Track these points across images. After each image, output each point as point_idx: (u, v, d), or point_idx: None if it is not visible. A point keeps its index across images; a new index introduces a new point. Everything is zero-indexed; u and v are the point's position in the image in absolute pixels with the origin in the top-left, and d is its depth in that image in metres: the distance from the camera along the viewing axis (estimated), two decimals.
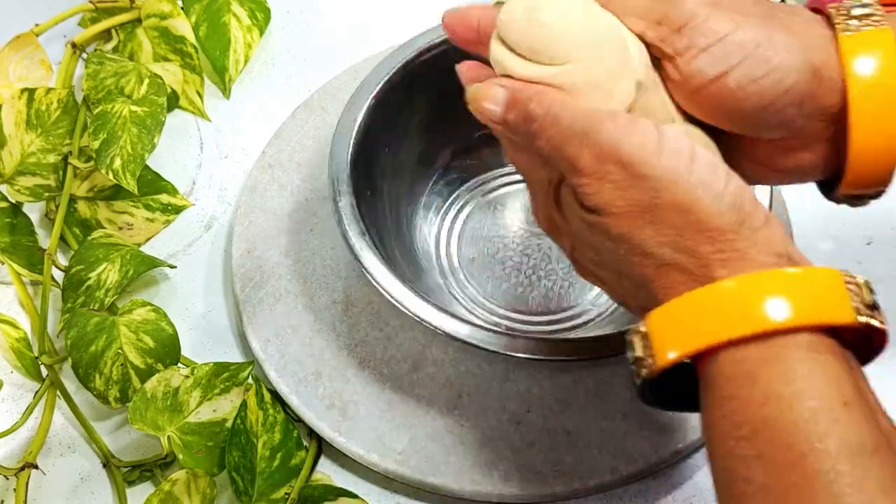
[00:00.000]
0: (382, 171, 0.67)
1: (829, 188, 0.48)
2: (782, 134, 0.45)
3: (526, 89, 0.43)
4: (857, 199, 0.48)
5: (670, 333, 0.40)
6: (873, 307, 0.41)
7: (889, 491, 0.36)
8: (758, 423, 0.38)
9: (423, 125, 0.69)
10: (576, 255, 0.47)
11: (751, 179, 0.45)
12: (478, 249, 0.70)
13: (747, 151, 0.46)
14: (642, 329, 0.41)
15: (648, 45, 0.44)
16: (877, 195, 0.47)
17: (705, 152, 0.42)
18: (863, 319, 0.40)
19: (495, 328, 0.57)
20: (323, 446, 0.64)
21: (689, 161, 0.41)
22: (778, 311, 0.39)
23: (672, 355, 0.40)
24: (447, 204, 0.72)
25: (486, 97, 0.45)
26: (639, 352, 0.41)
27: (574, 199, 0.44)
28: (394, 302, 0.58)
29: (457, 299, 0.68)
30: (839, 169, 0.45)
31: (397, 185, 0.69)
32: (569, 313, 0.67)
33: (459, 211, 0.71)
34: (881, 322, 0.41)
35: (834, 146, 0.45)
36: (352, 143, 0.63)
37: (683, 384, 0.43)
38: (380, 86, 0.65)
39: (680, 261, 0.41)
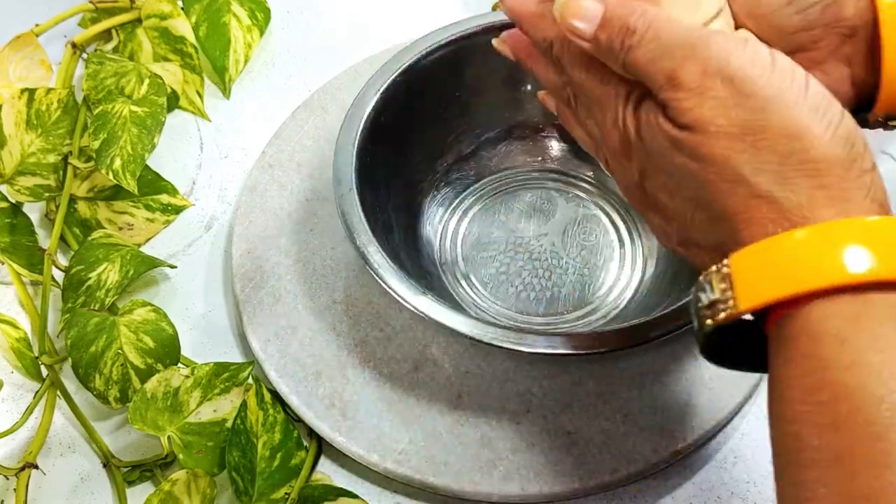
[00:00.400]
0: (386, 172, 0.67)
1: (856, 112, 0.44)
2: (800, 40, 0.43)
3: (624, 4, 0.41)
4: (891, 121, 0.45)
5: (759, 275, 0.36)
6: None
7: None
8: (839, 390, 0.35)
9: (427, 127, 0.69)
10: (645, 182, 0.43)
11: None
12: (482, 251, 0.70)
13: None
14: (725, 269, 0.37)
15: None
16: None
17: (817, 81, 0.38)
18: None
19: (499, 324, 0.57)
20: (323, 446, 0.64)
21: (804, 85, 0.38)
22: (880, 263, 0.35)
23: (759, 300, 0.36)
24: (452, 206, 0.72)
25: (577, 14, 0.42)
26: (716, 294, 0.37)
27: (663, 116, 0.40)
28: (398, 298, 0.58)
29: (461, 301, 0.68)
30: (861, 97, 0.44)
31: (402, 187, 0.69)
32: (574, 314, 0.67)
33: (465, 213, 0.71)
34: None
35: (850, 70, 0.43)
36: (356, 143, 0.63)
37: (742, 342, 0.40)
38: (384, 87, 0.65)
39: (776, 193, 0.37)
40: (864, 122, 0.45)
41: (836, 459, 0.34)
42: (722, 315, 0.37)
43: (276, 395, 0.64)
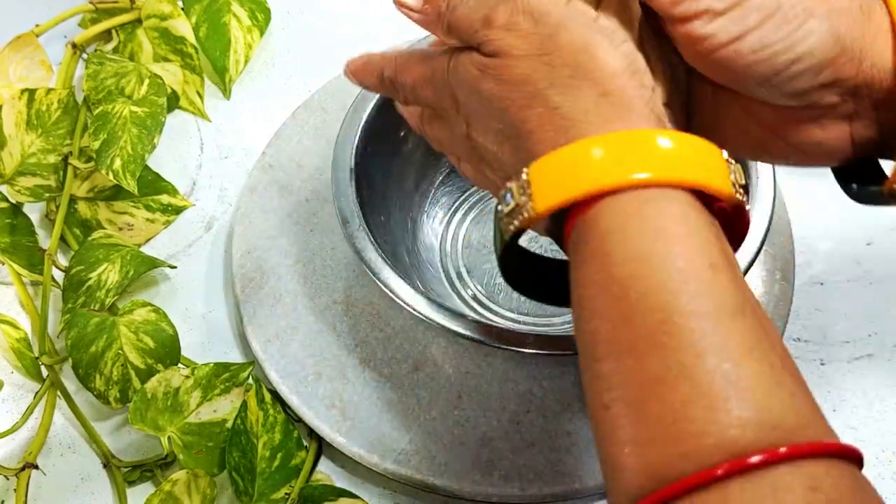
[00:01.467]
0: (386, 173, 0.67)
1: (865, 183, 0.45)
2: (793, 103, 0.42)
3: None
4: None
5: (554, 180, 0.39)
6: (745, 189, 0.40)
7: (752, 350, 0.35)
8: (627, 282, 0.37)
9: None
10: (470, 130, 0.46)
11: (765, 149, 0.44)
12: (482, 252, 0.70)
13: (756, 114, 0.44)
14: (524, 177, 0.40)
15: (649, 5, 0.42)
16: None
17: (610, 17, 0.42)
18: (738, 197, 0.39)
19: (499, 325, 0.57)
20: (323, 446, 0.64)
21: (593, 16, 0.42)
22: (662, 164, 0.38)
23: (553, 201, 0.39)
24: (452, 207, 0.72)
25: None
26: (515, 200, 0.40)
27: (476, 54, 0.44)
28: (398, 300, 0.58)
29: (461, 301, 0.68)
30: (863, 157, 0.44)
31: (401, 188, 0.69)
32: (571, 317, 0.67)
33: (465, 214, 0.71)
34: (748, 205, 0.40)
35: (850, 128, 0.43)
36: (356, 144, 0.63)
37: (541, 279, 0.43)
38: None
39: (565, 105, 0.40)
40: (877, 197, 0.45)
41: (629, 349, 0.36)
42: (522, 218, 0.40)
43: (277, 396, 0.64)
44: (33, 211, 0.73)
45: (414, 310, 0.57)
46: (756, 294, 0.65)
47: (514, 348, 0.56)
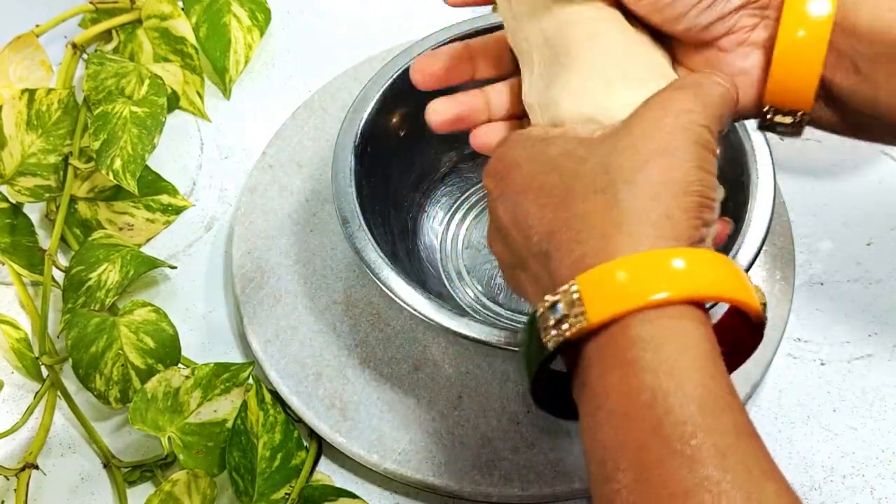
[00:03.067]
0: (386, 173, 0.67)
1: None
2: (721, 29, 0.47)
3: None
4: (782, 129, 0.49)
5: (604, 292, 0.40)
6: (765, 307, 0.43)
7: (771, 472, 0.37)
8: (657, 392, 0.38)
9: (427, 128, 0.69)
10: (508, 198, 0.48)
11: None
12: (482, 252, 0.70)
13: (690, 59, 0.49)
14: (574, 289, 0.40)
15: None
16: (795, 125, 0.48)
17: None
18: (764, 315, 0.42)
19: (499, 325, 0.57)
20: (323, 447, 0.64)
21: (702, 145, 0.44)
22: (703, 282, 0.40)
23: (606, 314, 0.40)
24: (452, 207, 0.72)
25: None
26: (565, 310, 0.41)
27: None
28: (398, 300, 0.58)
29: (462, 302, 0.68)
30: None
31: (402, 188, 0.69)
32: None
33: (465, 215, 0.71)
34: (766, 322, 0.43)
35: (767, 56, 0.47)
36: (356, 144, 0.63)
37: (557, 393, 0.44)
38: (384, 88, 0.65)
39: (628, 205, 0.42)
40: (763, 125, 0.49)
41: (657, 461, 0.37)
42: (575, 328, 0.40)
43: (277, 396, 0.64)
44: (33, 211, 0.73)
45: (414, 310, 0.57)
46: None
47: (514, 348, 0.56)
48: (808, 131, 0.76)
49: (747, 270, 0.57)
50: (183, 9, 0.79)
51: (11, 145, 0.72)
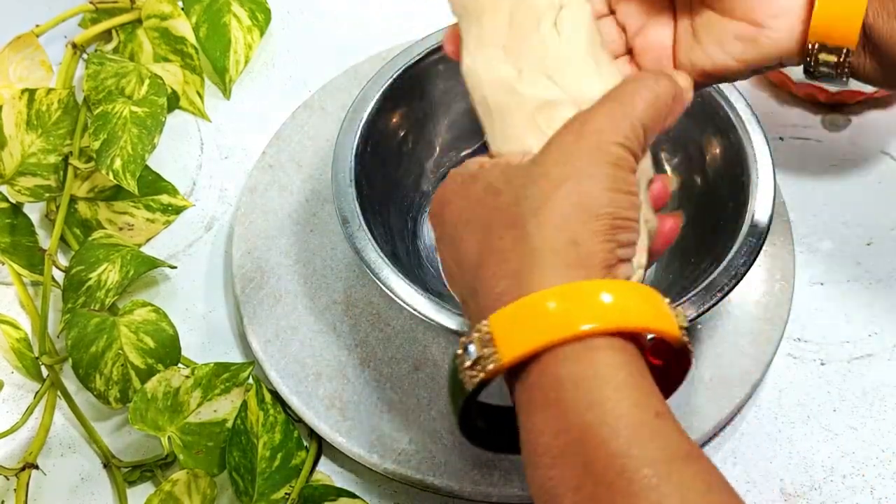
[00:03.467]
0: (386, 173, 0.67)
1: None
2: None
3: None
4: (826, 70, 0.49)
5: (515, 330, 0.40)
6: (687, 330, 0.43)
7: (708, 493, 0.37)
8: (585, 428, 0.38)
9: (427, 128, 0.69)
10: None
11: (732, 59, 0.48)
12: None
13: (732, 10, 0.48)
14: (485, 329, 0.41)
15: None
16: (839, 65, 0.48)
17: None
18: (684, 339, 0.42)
19: None
20: (323, 446, 0.64)
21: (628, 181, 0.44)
22: (610, 315, 0.40)
23: (518, 351, 0.40)
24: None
25: None
26: (479, 351, 0.41)
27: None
28: (398, 300, 0.58)
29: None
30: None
31: (401, 188, 0.69)
32: None
33: None
34: (691, 346, 0.43)
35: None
36: (356, 144, 0.63)
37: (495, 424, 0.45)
38: (384, 88, 0.65)
39: (536, 239, 0.42)
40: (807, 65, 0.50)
41: (591, 497, 0.38)
42: (489, 368, 0.41)
43: (277, 396, 0.64)
44: (33, 211, 0.73)
45: (414, 310, 0.57)
46: (756, 294, 0.66)
47: None
48: (809, 130, 0.76)
49: (747, 270, 0.57)
50: (183, 9, 0.79)
51: (11, 145, 0.72)
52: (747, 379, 0.62)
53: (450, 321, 0.57)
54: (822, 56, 0.48)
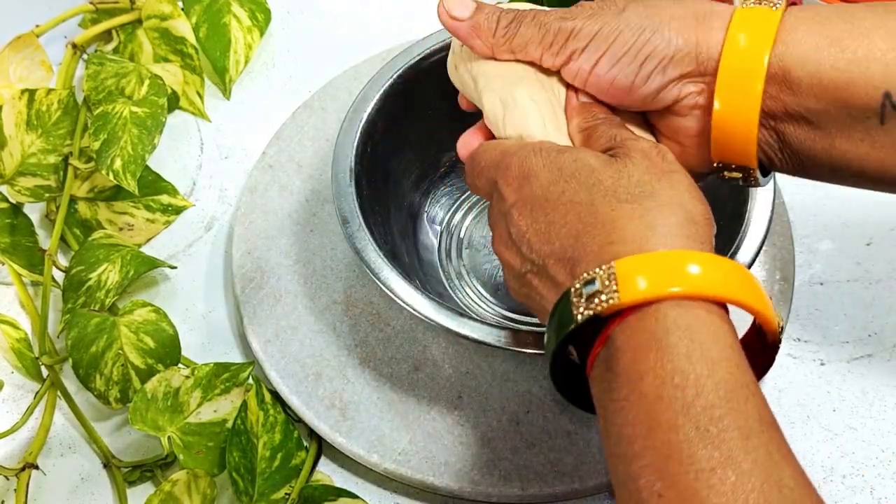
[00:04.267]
0: (386, 173, 0.67)
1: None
2: (666, 100, 0.50)
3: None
4: (735, 183, 0.51)
5: (641, 275, 0.42)
6: (783, 329, 0.45)
7: (789, 457, 0.40)
8: (689, 376, 0.40)
9: (427, 128, 0.69)
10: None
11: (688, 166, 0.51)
12: (482, 253, 0.70)
13: (659, 123, 0.52)
14: (610, 269, 0.43)
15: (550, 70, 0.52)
16: (746, 179, 0.50)
17: None
18: (780, 334, 0.45)
19: (499, 324, 0.57)
20: (323, 446, 0.64)
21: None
22: (732, 285, 0.42)
23: (638, 295, 0.41)
24: (452, 207, 0.72)
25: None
26: (600, 286, 0.42)
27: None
28: (398, 300, 0.58)
29: (462, 302, 0.68)
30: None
31: (401, 188, 0.69)
32: None
33: (465, 215, 0.71)
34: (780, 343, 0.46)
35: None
36: (356, 144, 0.63)
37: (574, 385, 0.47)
38: (384, 88, 0.65)
39: (654, 212, 0.46)
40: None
41: (686, 440, 0.39)
42: (608, 303, 0.42)
43: (277, 396, 0.64)
44: (33, 211, 0.73)
45: (414, 310, 0.57)
46: None
47: (514, 348, 0.56)
48: None
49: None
50: (183, 9, 0.79)
51: (11, 145, 0.72)
52: None
53: (450, 321, 0.57)
54: (728, 173, 0.51)
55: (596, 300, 0.42)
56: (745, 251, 0.57)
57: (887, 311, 0.68)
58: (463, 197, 0.72)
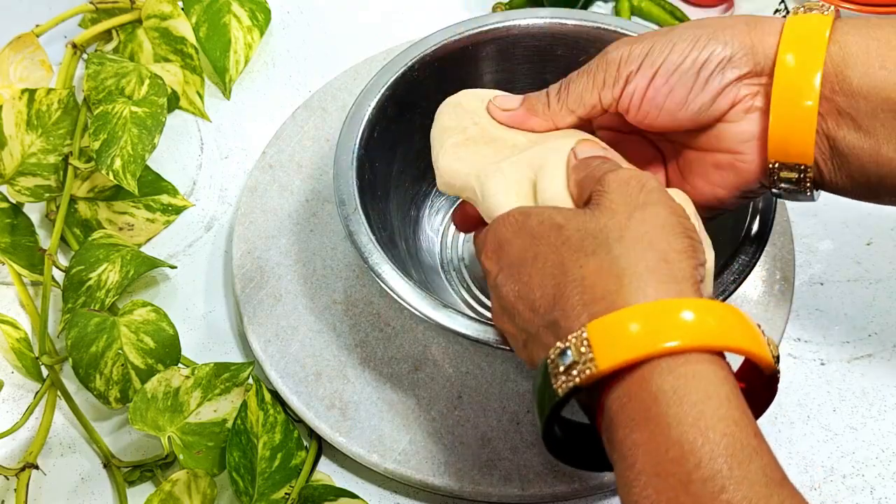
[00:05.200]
0: (386, 173, 0.67)
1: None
2: (722, 105, 0.50)
3: None
4: (789, 187, 0.51)
5: (613, 339, 0.41)
6: (778, 360, 0.44)
7: None
8: (684, 446, 0.38)
9: (428, 127, 0.69)
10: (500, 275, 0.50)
11: (718, 187, 0.52)
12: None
13: (698, 141, 0.52)
14: (584, 335, 0.41)
15: (609, 110, 0.53)
16: (800, 182, 0.50)
17: None
18: (776, 367, 0.43)
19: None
20: (323, 446, 0.64)
21: (679, 206, 0.47)
22: (711, 331, 0.41)
23: (615, 360, 0.40)
24: (453, 206, 0.71)
25: None
26: (574, 357, 0.41)
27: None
28: (398, 300, 0.58)
29: (463, 302, 0.68)
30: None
31: (401, 188, 0.69)
32: None
33: None
34: (779, 376, 0.44)
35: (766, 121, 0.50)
36: (356, 144, 0.63)
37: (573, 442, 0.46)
38: (384, 88, 0.65)
39: (624, 259, 0.44)
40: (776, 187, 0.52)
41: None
42: (586, 374, 0.41)
43: (277, 396, 0.64)
44: (33, 211, 0.73)
45: (414, 310, 0.57)
46: (756, 294, 0.66)
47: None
48: None
49: (748, 271, 0.57)
50: (183, 9, 0.79)
51: (11, 145, 0.72)
52: None
53: (450, 321, 0.56)
54: (784, 174, 0.50)
55: (574, 371, 0.41)
56: (746, 251, 0.57)
57: (887, 311, 0.68)
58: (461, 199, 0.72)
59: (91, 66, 0.74)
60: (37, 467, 0.63)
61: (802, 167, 0.49)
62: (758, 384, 0.44)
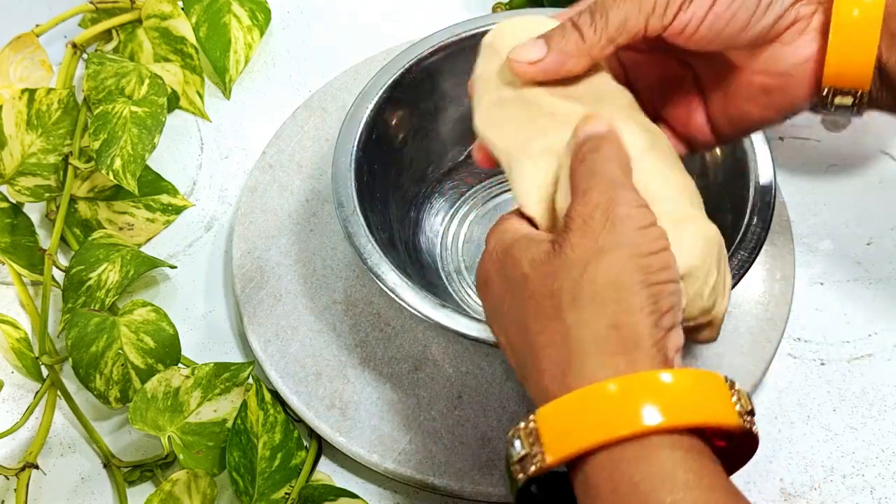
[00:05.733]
0: (386, 174, 0.67)
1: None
2: (780, 26, 0.48)
3: None
4: (840, 105, 0.50)
5: (562, 428, 0.39)
6: (751, 413, 0.41)
7: None
8: None
9: (427, 129, 0.69)
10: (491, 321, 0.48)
11: (765, 109, 0.50)
12: (482, 249, 0.70)
13: (750, 62, 0.50)
14: (532, 425, 0.40)
15: (652, 36, 0.47)
16: (855, 105, 0.49)
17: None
18: (746, 425, 0.40)
19: None
20: (323, 446, 0.64)
21: (644, 252, 0.42)
22: (671, 409, 0.38)
23: (565, 452, 0.39)
24: (453, 208, 0.71)
25: None
26: (525, 449, 0.40)
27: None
28: (397, 300, 0.58)
29: (463, 303, 0.68)
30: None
31: (401, 189, 0.69)
32: None
33: (464, 217, 0.71)
34: (756, 429, 0.41)
35: (824, 42, 0.48)
36: (354, 146, 0.63)
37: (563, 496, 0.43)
38: (384, 88, 0.65)
39: (576, 327, 0.41)
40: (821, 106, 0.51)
41: None
42: (533, 468, 0.39)
43: (277, 396, 0.64)
44: (33, 211, 0.73)
45: (414, 310, 0.57)
46: (756, 294, 0.66)
47: None
48: (809, 130, 0.76)
49: (747, 270, 0.57)
50: (183, 9, 0.79)
51: (11, 145, 0.72)
52: (747, 379, 0.63)
53: (450, 321, 0.56)
54: (838, 99, 0.49)
55: (526, 462, 0.40)
56: (746, 252, 0.57)
57: (887, 311, 0.68)
58: (463, 198, 0.72)
59: (91, 65, 0.74)
60: (37, 467, 0.63)
61: (859, 93, 0.49)
62: (735, 438, 0.41)
